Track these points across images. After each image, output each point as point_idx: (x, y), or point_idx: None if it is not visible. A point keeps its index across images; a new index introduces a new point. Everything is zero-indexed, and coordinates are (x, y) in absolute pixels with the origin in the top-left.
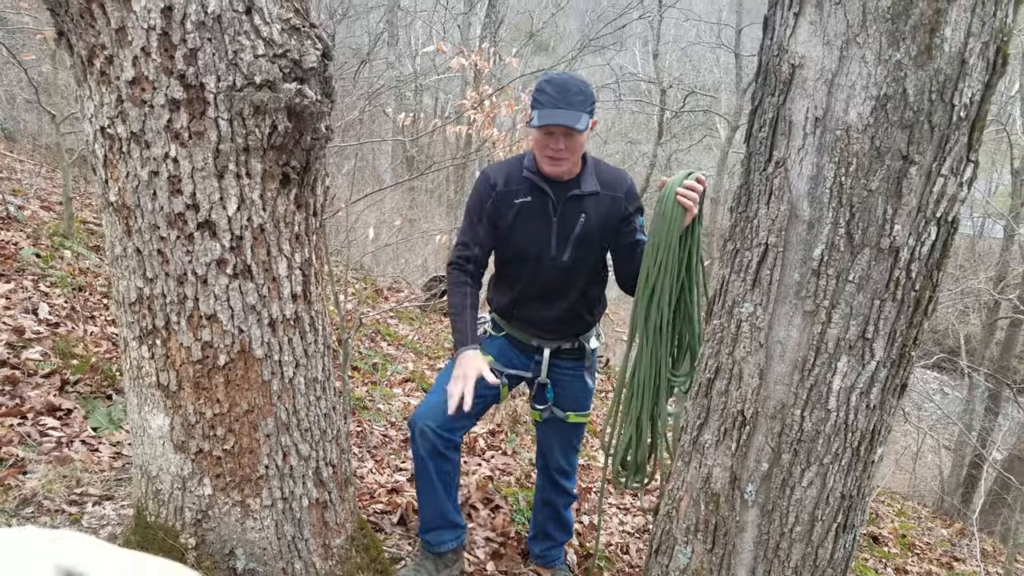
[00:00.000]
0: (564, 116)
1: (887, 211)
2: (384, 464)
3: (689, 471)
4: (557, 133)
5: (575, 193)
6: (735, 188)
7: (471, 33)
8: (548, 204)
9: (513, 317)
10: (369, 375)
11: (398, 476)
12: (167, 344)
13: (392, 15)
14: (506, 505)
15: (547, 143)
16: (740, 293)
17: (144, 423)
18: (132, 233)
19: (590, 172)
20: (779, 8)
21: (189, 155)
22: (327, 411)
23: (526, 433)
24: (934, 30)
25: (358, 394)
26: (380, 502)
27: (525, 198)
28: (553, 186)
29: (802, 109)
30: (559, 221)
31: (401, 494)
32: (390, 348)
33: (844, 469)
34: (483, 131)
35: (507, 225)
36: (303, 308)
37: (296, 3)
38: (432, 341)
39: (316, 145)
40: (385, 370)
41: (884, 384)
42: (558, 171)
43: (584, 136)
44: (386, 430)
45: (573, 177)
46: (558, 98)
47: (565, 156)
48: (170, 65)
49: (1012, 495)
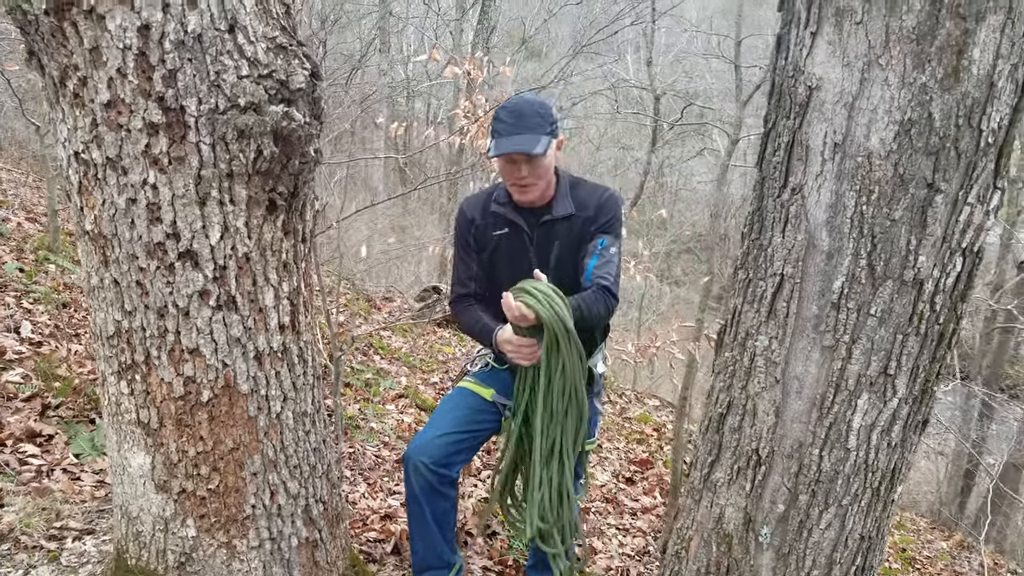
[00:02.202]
0: (520, 142)
1: (911, 242)
2: (377, 488)
3: (699, 510)
4: (519, 160)
5: (546, 219)
6: (747, 212)
7: (463, 39)
8: (523, 236)
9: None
10: (361, 391)
11: (392, 500)
12: (147, 379)
13: (384, 22)
14: (503, 531)
15: (511, 172)
16: (754, 325)
17: (124, 461)
18: (109, 263)
19: (564, 195)
20: (794, 27)
21: (169, 181)
22: (317, 445)
23: None
24: (961, 51)
25: (350, 412)
26: (373, 529)
27: (502, 230)
28: (524, 216)
29: (820, 133)
30: (536, 250)
31: (395, 521)
32: (383, 362)
33: (863, 510)
34: (477, 141)
35: (487, 259)
36: (291, 339)
37: (282, 20)
38: (426, 353)
39: (304, 169)
40: (378, 386)
41: (906, 421)
42: (529, 198)
43: (547, 159)
44: (379, 450)
45: (547, 202)
46: (513, 124)
47: (531, 182)
48: (148, 87)
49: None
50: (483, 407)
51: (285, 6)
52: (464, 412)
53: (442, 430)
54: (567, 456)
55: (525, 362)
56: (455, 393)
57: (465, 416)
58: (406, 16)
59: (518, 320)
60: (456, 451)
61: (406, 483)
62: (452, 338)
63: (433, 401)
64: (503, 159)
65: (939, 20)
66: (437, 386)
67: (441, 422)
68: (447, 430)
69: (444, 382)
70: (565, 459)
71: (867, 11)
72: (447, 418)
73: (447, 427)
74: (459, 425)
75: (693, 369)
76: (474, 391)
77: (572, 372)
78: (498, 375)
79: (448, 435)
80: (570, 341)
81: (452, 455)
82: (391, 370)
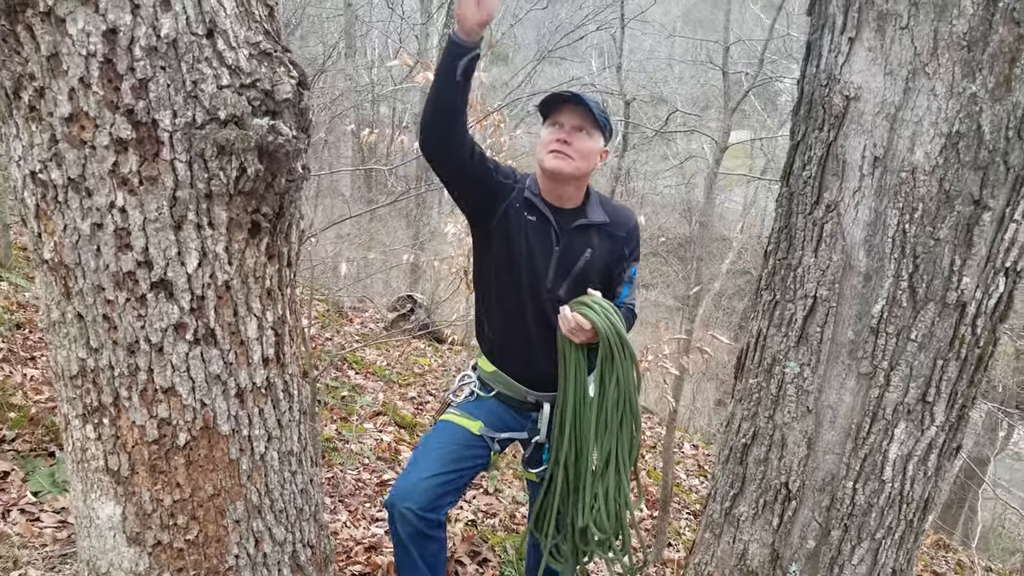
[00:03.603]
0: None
1: (955, 262)
2: (359, 515)
3: (720, 545)
4: (567, 125)
5: (582, 223)
6: (771, 230)
7: (429, 43)
8: (550, 231)
9: (502, 366)
10: (338, 410)
11: (375, 529)
12: (116, 423)
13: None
14: (493, 556)
15: (552, 136)
16: (782, 350)
17: (91, 513)
18: (72, 296)
19: (595, 203)
20: (827, 32)
21: (140, 204)
22: (304, 486)
23: (507, 467)
24: (1015, 59)
25: (327, 434)
26: (358, 562)
27: (531, 217)
28: (556, 214)
29: (858, 147)
30: (561, 251)
31: (380, 551)
32: (358, 377)
33: (896, 543)
34: None
35: (506, 231)
36: (276, 373)
37: (266, 24)
38: (402, 366)
39: (291, 188)
40: (355, 404)
41: (941, 449)
42: (560, 167)
43: (594, 143)
44: (359, 474)
45: (577, 206)
46: (574, 94)
47: (570, 152)
48: (115, 99)
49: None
50: (470, 442)
51: (268, 8)
52: (450, 449)
53: (427, 472)
54: (623, 466)
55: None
56: (439, 428)
57: (451, 453)
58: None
59: (574, 332)
60: (444, 493)
61: (392, 530)
62: (427, 349)
63: (412, 417)
64: (549, 122)
65: (992, 25)
66: (415, 400)
67: (425, 462)
68: (433, 471)
69: (422, 396)
70: (622, 469)
71: (914, 15)
72: (432, 457)
73: (432, 468)
74: (445, 464)
75: (682, 381)
76: (460, 424)
77: (626, 384)
78: (485, 404)
79: (434, 476)
80: (625, 352)
81: (439, 497)
82: (367, 386)
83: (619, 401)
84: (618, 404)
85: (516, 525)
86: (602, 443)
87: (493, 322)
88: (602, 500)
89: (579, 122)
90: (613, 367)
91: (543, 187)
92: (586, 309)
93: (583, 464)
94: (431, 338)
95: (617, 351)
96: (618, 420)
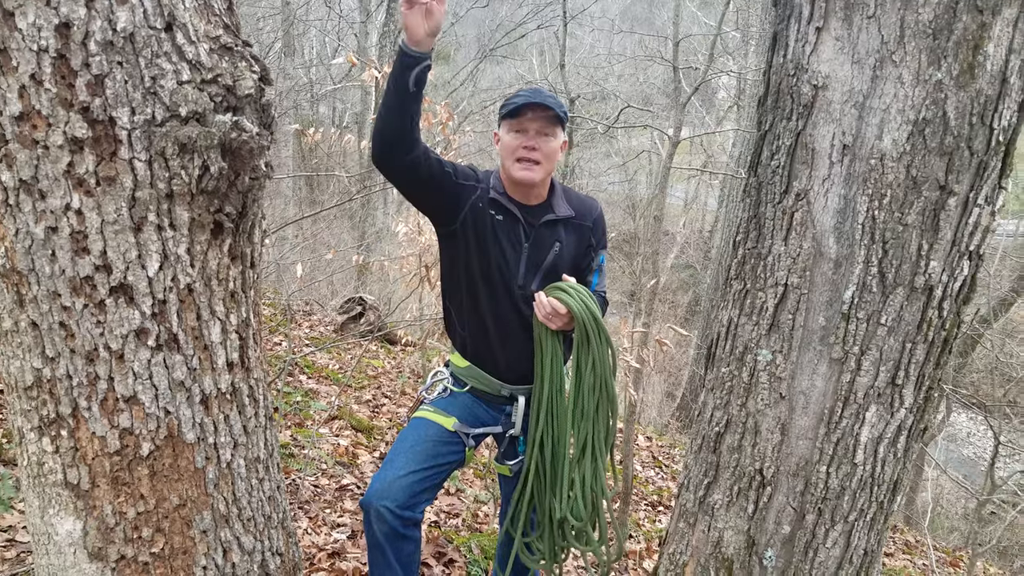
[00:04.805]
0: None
1: (922, 246)
2: (320, 521)
3: (695, 534)
4: (531, 130)
5: (550, 218)
6: (739, 219)
7: (368, 41)
8: (519, 229)
9: (476, 361)
10: (291, 416)
11: (337, 535)
12: (75, 434)
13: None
14: (460, 556)
15: (519, 143)
16: (754, 338)
17: (48, 529)
18: (25, 303)
19: (560, 197)
20: (794, 22)
21: (97, 206)
22: (272, 493)
23: (468, 467)
24: (978, 46)
25: (283, 440)
26: (322, 569)
27: (499, 216)
28: (523, 210)
29: (827, 135)
30: (531, 247)
31: (344, 557)
32: (311, 382)
33: (868, 524)
34: None
35: (474, 231)
36: (241, 377)
37: (225, 17)
38: (354, 369)
39: (255, 186)
40: (309, 409)
41: (910, 431)
42: (531, 177)
43: (558, 142)
44: (317, 479)
45: (542, 201)
46: (531, 95)
47: (538, 158)
48: (69, 96)
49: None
50: (446, 438)
51: (227, 1)
52: (425, 446)
53: (404, 469)
54: (599, 453)
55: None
56: (413, 424)
57: (427, 450)
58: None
59: (550, 318)
60: (421, 490)
61: (367, 530)
62: (380, 351)
63: (368, 420)
64: (513, 127)
65: (956, 13)
66: (371, 403)
67: (401, 460)
68: (409, 469)
69: (377, 399)
70: (598, 456)
71: (880, 4)
72: (407, 455)
73: (409, 465)
74: (421, 461)
75: (641, 374)
76: (434, 421)
77: (603, 368)
78: (458, 400)
79: (411, 474)
80: (600, 336)
81: (416, 495)
82: (320, 390)
83: (596, 386)
84: (595, 388)
85: (479, 524)
86: (579, 429)
87: (464, 319)
88: (579, 488)
89: (542, 125)
90: (589, 351)
91: (509, 187)
92: (561, 294)
93: (561, 451)
94: (383, 340)
95: (593, 335)
96: (594, 405)
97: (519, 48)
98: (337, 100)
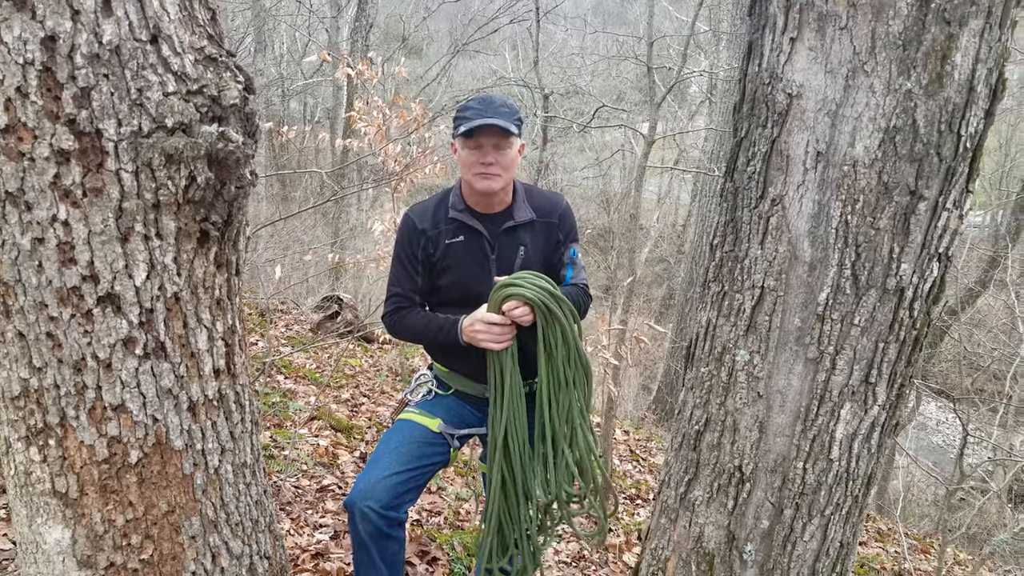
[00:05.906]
0: (494, 119)
1: (894, 249)
2: (302, 522)
3: (676, 529)
4: (486, 146)
5: (509, 225)
6: (716, 223)
7: (340, 36)
8: (483, 243)
9: (460, 368)
10: (270, 417)
11: (320, 536)
12: (63, 444)
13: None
14: (443, 554)
15: (476, 159)
16: (732, 339)
17: (36, 538)
18: (12, 314)
19: (522, 200)
20: (768, 31)
21: (84, 217)
22: (259, 497)
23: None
24: (946, 56)
25: (263, 442)
26: (306, 570)
27: (456, 238)
28: (485, 222)
29: (801, 142)
30: (497, 258)
31: (328, 558)
32: (288, 382)
33: (844, 518)
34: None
35: (441, 268)
36: (227, 384)
37: (209, 28)
38: (333, 369)
39: (240, 194)
40: (287, 409)
41: (883, 427)
42: (491, 187)
43: (515, 150)
44: (298, 480)
45: (505, 208)
46: (483, 110)
47: (497, 172)
48: (56, 108)
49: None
50: (430, 439)
51: (211, 12)
52: (410, 447)
53: (388, 470)
54: (584, 419)
55: (496, 346)
56: (398, 426)
57: (411, 451)
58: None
59: (522, 317)
60: (405, 491)
61: (352, 530)
62: (357, 350)
63: (348, 420)
64: (468, 145)
65: (925, 25)
66: (349, 403)
67: (385, 460)
68: (393, 469)
69: (356, 398)
70: (582, 423)
71: (852, 16)
72: (391, 455)
73: (393, 466)
74: (406, 462)
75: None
76: (418, 422)
77: (572, 337)
78: (443, 402)
79: (395, 475)
80: (562, 308)
81: (400, 495)
82: (298, 390)
83: (569, 358)
84: (569, 360)
85: (461, 522)
86: (559, 401)
87: None
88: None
89: (497, 139)
90: (555, 325)
91: (471, 200)
92: (506, 290)
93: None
94: (360, 339)
95: (555, 309)
96: (571, 379)
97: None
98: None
